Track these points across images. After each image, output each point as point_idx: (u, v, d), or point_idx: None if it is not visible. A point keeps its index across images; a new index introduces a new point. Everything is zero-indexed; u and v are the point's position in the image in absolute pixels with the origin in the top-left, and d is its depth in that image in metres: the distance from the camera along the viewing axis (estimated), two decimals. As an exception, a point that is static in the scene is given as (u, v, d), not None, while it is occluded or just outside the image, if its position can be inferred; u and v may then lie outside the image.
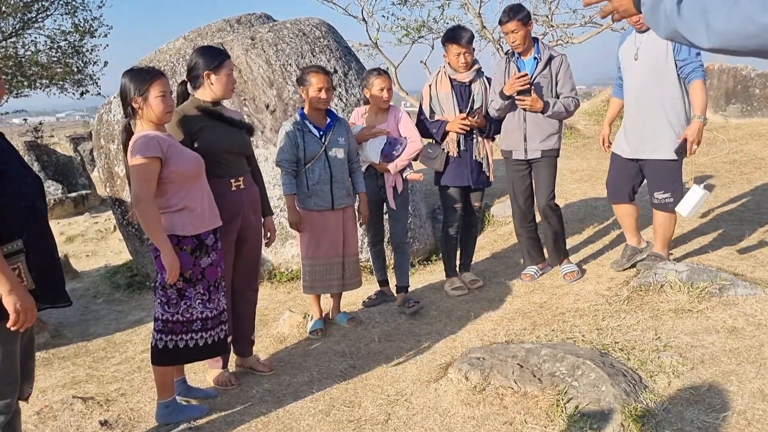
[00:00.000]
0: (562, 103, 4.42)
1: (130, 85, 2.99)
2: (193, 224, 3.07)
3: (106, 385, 3.95)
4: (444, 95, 4.56)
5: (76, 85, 17.31)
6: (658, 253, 4.41)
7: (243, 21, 6.93)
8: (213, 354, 3.33)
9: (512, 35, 4.37)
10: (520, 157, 4.56)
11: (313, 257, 4.17)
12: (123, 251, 7.35)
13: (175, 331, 3.12)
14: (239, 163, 3.55)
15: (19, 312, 2.25)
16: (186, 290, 3.11)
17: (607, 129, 4.74)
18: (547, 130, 4.47)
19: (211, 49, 3.54)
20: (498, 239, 6.34)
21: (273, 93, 5.81)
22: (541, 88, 4.43)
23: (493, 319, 4.12)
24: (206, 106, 3.45)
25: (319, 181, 4.06)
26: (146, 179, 2.92)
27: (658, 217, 4.38)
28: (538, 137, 4.47)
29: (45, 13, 16.29)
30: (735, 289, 3.77)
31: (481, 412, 2.95)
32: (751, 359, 3.09)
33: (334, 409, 3.25)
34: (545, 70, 4.44)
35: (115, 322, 5.46)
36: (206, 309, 3.18)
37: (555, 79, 4.45)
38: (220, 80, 3.42)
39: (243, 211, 3.54)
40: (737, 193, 6.31)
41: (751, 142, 8.92)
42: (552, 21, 13.36)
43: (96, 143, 6.49)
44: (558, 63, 4.45)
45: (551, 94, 4.46)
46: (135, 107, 3.00)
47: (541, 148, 4.49)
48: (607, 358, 3.14)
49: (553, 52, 4.47)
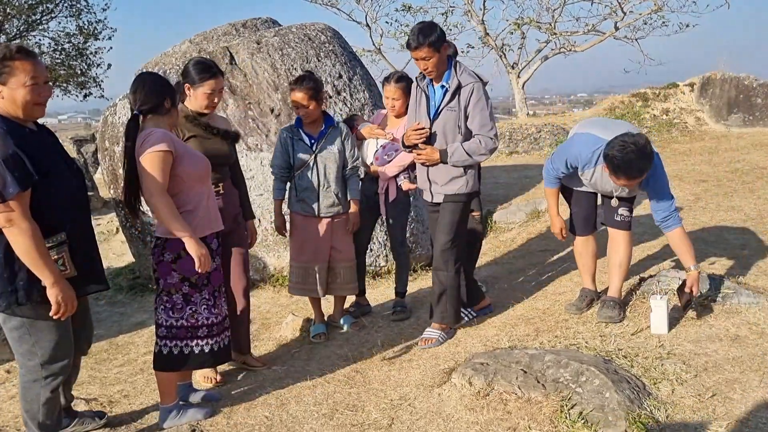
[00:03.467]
0: (466, 149, 3.74)
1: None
2: (198, 227, 3.08)
3: (108, 387, 3.96)
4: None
5: (80, 87, 17.39)
6: (615, 298, 3.91)
7: (249, 25, 6.96)
8: (219, 361, 3.36)
9: (422, 63, 3.71)
10: (428, 199, 4.02)
11: (298, 260, 4.24)
12: (126, 253, 7.36)
13: (179, 336, 3.13)
14: (222, 171, 3.66)
15: (60, 303, 2.58)
16: (192, 295, 3.11)
17: (559, 219, 4.09)
18: (451, 173, 3.84)
19: (201, 64, 3.59)
20: (501, 245, 6.36)
21: (278, 97, 5.83)
22: (444, 124, 3.80)
23: (497, 324, 4.12)
24: (193, 116, 3.55)
25: (307, 188, 4.10)
26: (161, 170, 2.90)
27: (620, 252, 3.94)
28: (440, 180, 3.88)
29: (49, 16, 16.39)
30: (738, 297, 3.78)
31: (485, 418, 2.95)
32: (754, 367, 3.09)
33: (337, 413, 3.25)
34: (452, 102, 3.77)
35: (118, 324, 5.47)
36: (212, 315, 3.18)
37: (464, 112, 3.76)
38: (196, 96, 3.54)
39: (223, 215, 3.57)
40: (739, 202, 6.32)
41: (753, 151, 8.94)
42: (555, 29, 13.41)
43: (101, 145, 6.51)
44: (467, 93, 3.74)
45: (458, 131, 3.79)
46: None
47: (443, 192, 3.89)
48: (611, 365, 3.15)
49: (464, 80, 3.75)
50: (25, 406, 2.81)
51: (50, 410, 2.83)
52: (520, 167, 9.90)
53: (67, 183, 2.71)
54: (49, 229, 2.61)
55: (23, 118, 2.63)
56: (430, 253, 6.00)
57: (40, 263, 2.53)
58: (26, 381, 2.78)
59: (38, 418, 2.81)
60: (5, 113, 2.59)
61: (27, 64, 2.57)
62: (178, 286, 3.09)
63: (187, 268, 3.03)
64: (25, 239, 2.50)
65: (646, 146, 3.42)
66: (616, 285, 3.94)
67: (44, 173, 2.58)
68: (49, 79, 2.73)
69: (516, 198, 7.93)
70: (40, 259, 2.53)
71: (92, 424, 3.24)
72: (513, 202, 7.72)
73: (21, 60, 2.56)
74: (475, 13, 14.10)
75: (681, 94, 12.39)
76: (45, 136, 2.76)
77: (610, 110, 12.68)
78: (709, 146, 9.84)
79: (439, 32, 3.68)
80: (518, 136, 11.71)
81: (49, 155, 2.66)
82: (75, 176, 2.80)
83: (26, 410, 2.82)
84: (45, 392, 2.77)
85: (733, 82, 11.50)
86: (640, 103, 12.55)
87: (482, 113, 3.74)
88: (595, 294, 4.13)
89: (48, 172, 2.60)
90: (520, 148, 11.48)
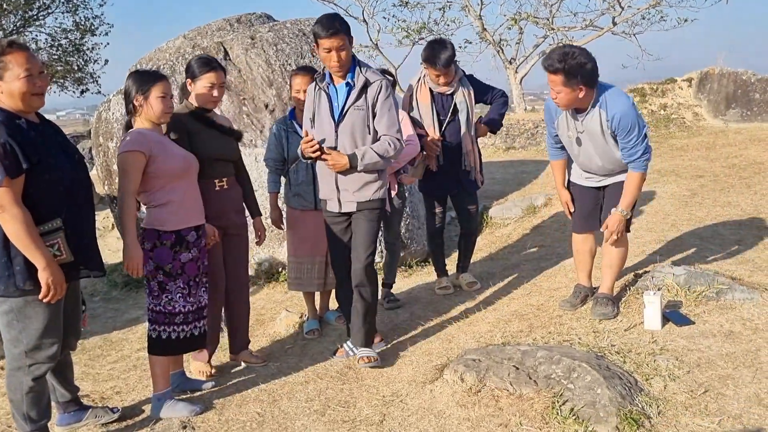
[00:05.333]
0: (377, 150, 3.46)
1: (134, 84, 3.20)
2: (174, 220, 3.21)
3: (101, 383, 3.95)
4: (424, 107, 4.47)
5: (77, 83, 17.33)
6: (609, 294, 3.87)
7: (243, 20, 6.94)
8: (193, 347, 3.44)
9: (335, 54, 3.39)
10: (334, 209, 3.63)
11: (296, 255, 4.25)
12: (120, 249, 7.33)
13: (158, 321, 3.27)
14: (225, 167, 3.70)
15: (50, 286, 2.66)
16: (167, 284, 3.24)
17: (565, 192, 4.04)
18: (364, 177, 3.53)
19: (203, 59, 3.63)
20: (496, 241, 6.34)
21: (272, 93, 5.81)
22: (352, 124, 3.50)
23: (490, 320, 4.11)
24: (197, 112, 3.59)
25: (303, 181, 4.10)
26: (128, 171, 3.10)
27: (613, 252, 3.86)
28: (352, 186, 3.54)
29: (46, 11, 16.33)
30: (732, 293, 3.76)
31: (477, 414, 2.94)
32: (747, 363, 3.08)
33: (329, 409, 3.25)
34: (359, 100, 3.48)
35: (112, 320, 5.46)
36: (187, 303, 3.30)
37: (372, 110, 3.50)
38: (197, 89, 3.58)
39: (225, 210, 3.67)
40: (736, 197, 6.30)
41: (751, 146, 8.91)
42: (553, 24, 13.37)
43: (95, 141, 6.49)
44: (375, 91, 3.48)
45: (368, 131, 3.51)
46: (136, 105, 3.19)
47: (356, 200, 3.56)
48: (603, 361, 3.14)
49: (370, 77, 3.50)
50: (11, 396, 2.85)
51: (34, 401, 2.85)
52: (517, 163, 9.87)
53: (63, 173, 2.77)
54: (43, 216, 2.70)
55: (25, 110, 2.73)
56: (424, 249, 6.00)
57: (32, 247, 2.62)
58: (10, 369, 2.82)
59: (23, 409, 2.84)
60: (6, 107, 2.69)
61: (20, 57, 2.65)
62: (153, 273, 3.24)
63: (159, 257, 3.20)
64: (15, 224, 2.59)
65: (578, 48, 3.50)
66: (609, 283, 3.91)
67: (38, 163, 2.66)
68: (44, 70, 2.79)
69: (512, 194, 7.91)
70: (32, 243, 2.62)
71: (105, 417, 3.30)
72: (509, 198, 7.71)
73: (13, 53, 2.64)
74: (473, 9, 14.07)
75: (679, 89, 12.35)
76: (45, 128, 2.84)
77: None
78: (706, 141, 9.81)
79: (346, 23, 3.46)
80: (515, 132, 11.67)
81: (45, 146, 2.74)
82: (75, 168, 2.88)
83: (11, 400, 2.86)
84: (27, 380, 2.80)
85: (731, 77, 11.46)
86: (638, 98, 12.51)
87: (390, 113, 3.50)
88: (589, 290, 4.10)
89: (42, 161, 2.68)
90: (517, 144, 11.45)
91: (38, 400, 2.88)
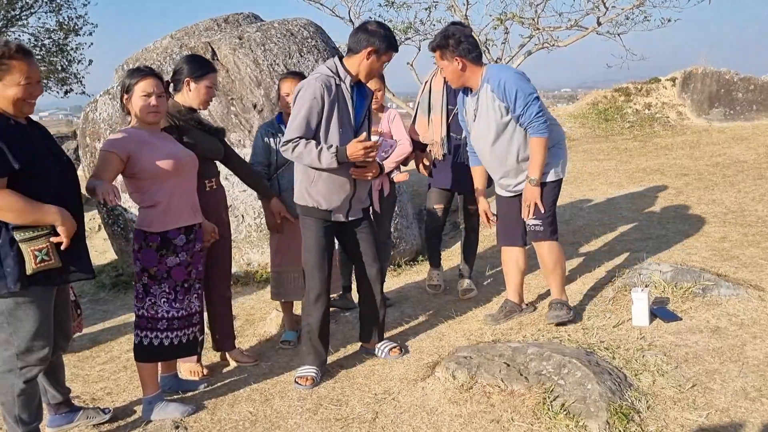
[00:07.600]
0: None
1: (124, 82, 3.16)
2: (160, 222, 3.15)
3: (91, 384, 3.93)
4: (435, 93, 4.51)
5: (60, 83, 17.14)
6: (561, 299, 3.85)
7: (231, 20, 6.92)
8: (180, 354, 3.41)
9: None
10: (340, 219, 3.54)
11: (280, 264, 4.14)
12: (108, 250, 7.29)
13: (141, 326, 3.22)
14: (213, 167, 3.70)
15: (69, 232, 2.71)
16: (151, 287, 3.19)
17: (483, 201, 4.07)
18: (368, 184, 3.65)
19: (199, 59, 3.69)
20: (484, 239, 6.36)
21: (260, 93, 5.80)
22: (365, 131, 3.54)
23: (480, 318, 4.13)
24: (184, 112, 3.57)
25: (289, 187, 4.00)
26: (99, 167, 3.05)
27: (545, 263, 3.87)
28: (363, 194, 3.60)
29: (29, 11, 16.14)
30: (718, 289, 3.82)
31: (468, 411, 2.97)
32: (733, 358, 3.13)
33: (321, 407, 3.25)
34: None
35: (101, 321, 5.42)
36: (172, 309, 3.24)
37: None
38: (198, 89, 3.57)
39: (216, 209, 3.66)
40: (720, 195, 6.39)
41: (734, 145, 9.03)
42: (538, 24, 13.44)
43: (81, 141, 6.44)
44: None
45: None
46: (124, 103, 3.17)
47: (361, 207, 3.61)
48: (593, 357, 3.18)
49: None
50: (2, 399, 2.82)
51: (26, 403, 2.83)
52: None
53: (50, 174, 2.74)
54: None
55: (14, 114, 2.70)
56: (414, 248, 6.02)
57: (37, 211, 2.62)
58: (1, 372, 2.79)
59: (14, 412, 2.81)
60: None
61: (24, 65, 2.63)
62: (139, 275, 3.20)
63: (145, 259, 3.15)
64: (12, 201, 2.57)
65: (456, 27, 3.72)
66: (555, 288, 3.87)
67: (26, 164, 2.63)
68: (41, 78, 2.79)
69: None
70: (35, 208, 2.62)
71: (97, 418, 3.28)
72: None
73: (19, 60, 2.62)
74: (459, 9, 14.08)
75: (663, 88, 12.48)
76: (32, 129, 2.81)
77: (593, 105, 12.75)
78: (690, 140, 9.93)
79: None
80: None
81: (32, 147, 2.71)
82: (64, 169, 2.85)
83: (2, 403, 2.83)
84: (18, 383, 2.78)
85: (714, 76, 11.60)
86: (622, 97, 12.63)
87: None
88: (517, 307, 4.05)
89: (30, 162, 2.65)
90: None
91: (30, 402, 2.86)
